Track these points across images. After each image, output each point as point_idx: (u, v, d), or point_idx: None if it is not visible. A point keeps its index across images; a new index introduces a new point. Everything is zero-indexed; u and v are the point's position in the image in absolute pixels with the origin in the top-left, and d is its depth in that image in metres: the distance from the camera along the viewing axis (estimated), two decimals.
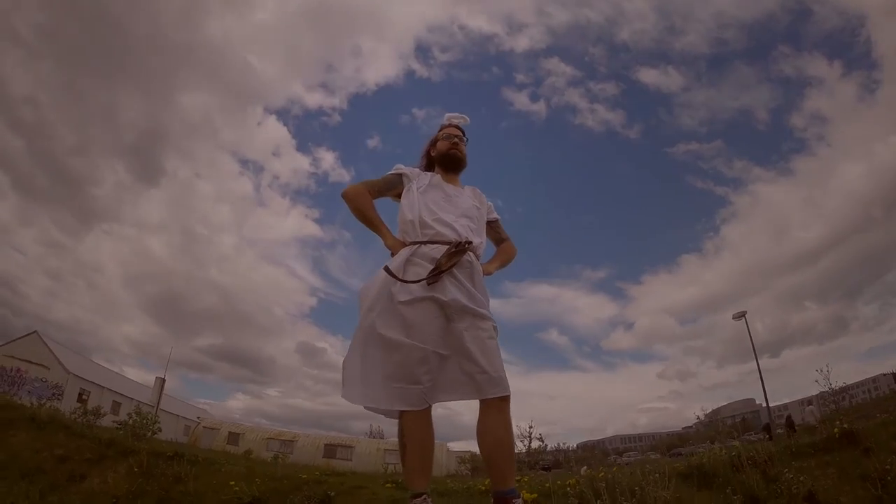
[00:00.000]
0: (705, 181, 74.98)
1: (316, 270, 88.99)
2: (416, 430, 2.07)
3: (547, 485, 4.90)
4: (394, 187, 2.51)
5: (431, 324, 2.08)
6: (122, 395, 28.87)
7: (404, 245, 2.31)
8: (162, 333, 77.62)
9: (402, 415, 2.10)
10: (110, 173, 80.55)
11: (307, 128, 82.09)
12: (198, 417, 34.79)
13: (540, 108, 79.61)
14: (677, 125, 74.77)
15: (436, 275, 2.11)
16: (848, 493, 4.82)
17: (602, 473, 4.64)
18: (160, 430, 13.09)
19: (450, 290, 2.11)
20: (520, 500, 1.96)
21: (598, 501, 3.62)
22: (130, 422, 10.37)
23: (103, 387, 29.47)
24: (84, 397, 22.73)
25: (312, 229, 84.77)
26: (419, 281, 2.10)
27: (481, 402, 2.06)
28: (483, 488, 4.45)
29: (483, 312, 2.15)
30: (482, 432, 2.02)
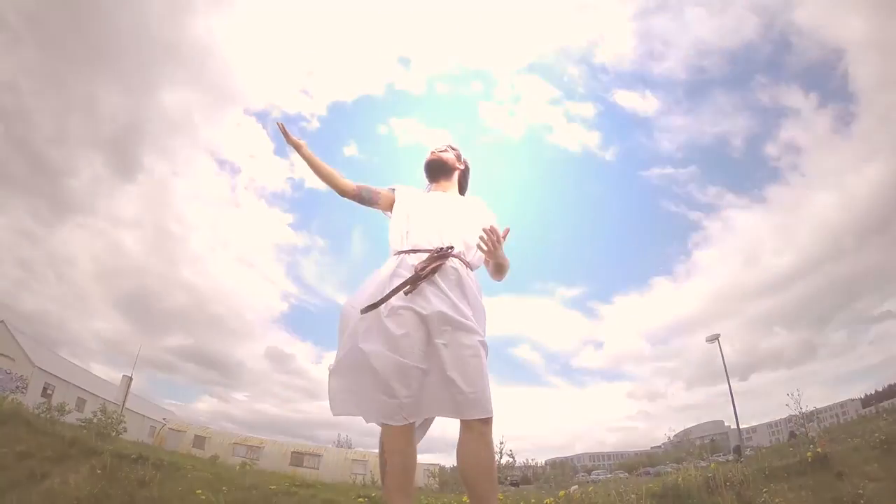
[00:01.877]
0: (678, 205, 76.37)
1: (289, 275, 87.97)
2: (395, 446, 1.97)
3: None
4: (384, 200, 2.48)
5: (411, 336, 1.96)
6: (87, 391, 28.06)
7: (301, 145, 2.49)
8: (131, 331, 75.78)
9: (384, 430, 2.00)
10: (87, 165, 79.08)
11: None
12: (164, 419, 33.98)
13: (516, 124, 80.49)
14: (653, 149, 76.28)
15: (413, 283, 2.01)
16: None
17: (579, 495, 4.65)
18: (125, 430, 12.85)
19: (431, 302, 2.00)
20: None
21: None
22: (96, 420, 10.17)
23: (69, 382, 28.64)
24: (49, 392, 22.13)
25: (287, 234, 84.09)
26: (396, 291, 2.00)
27: (462, 422, 1.95)
28: None
29: (468, 325, 2.00)
30: (462, 454, 1.93)
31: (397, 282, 2.04)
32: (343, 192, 2.49)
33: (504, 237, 2.21)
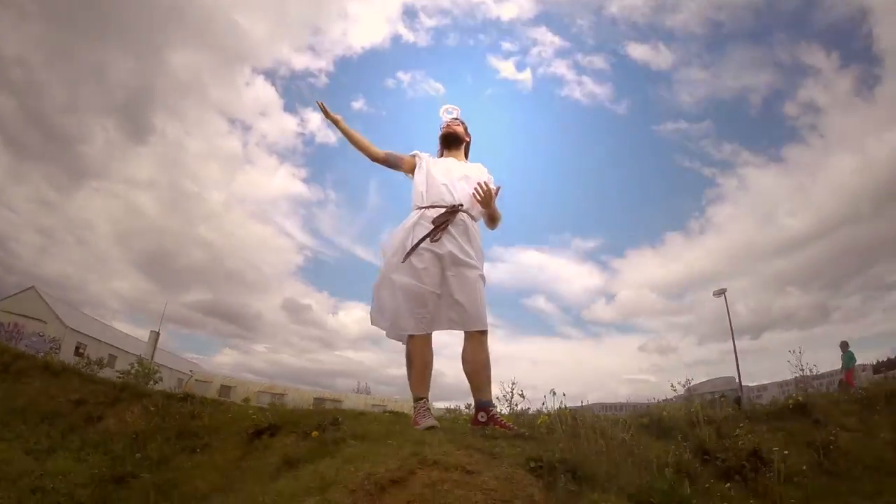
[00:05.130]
0: (692, 161, 73.89)
1: (305, 228, 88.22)
2: (419, 350, 2.64)
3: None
4: (406, 164, 3.04)
5: (430, 270, 2.63)
6: (117, 348, 29.36)
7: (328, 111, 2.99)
8: (151, 289, 77.78)
9: (409, 339, 2.65)
10: (100, 131, 78.79)
11: (294, 89, 79.69)
12: (190, 371, 35.52)
13: (526, 77, 77.58)
14: (666, 104, 73.24)
15: (436, 232, 2.65)
16: (792, 456, 5.37)
17: (570, 413, 5.17)
18: (161, 379, 13.71)
19: (445, 245, 2.66)
20: (495, 409, 2.61)
21: (563, 427, 4.17)
22: (133, 372, 10.94)
23: (100, 340, 30.05)
24: (81, 351, 23.15)
25: (300, 188, 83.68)
26: (424, 239, 2.65)
27: (465, 333, 2.67)
28: (467, 418, 4.99)
29: (471, 263, 2.70)
30: (466, 358, 2.64)
31: (420, 231, 2.70)
32: (374, 158, 3.07)
33: (496, 194, 2.84)
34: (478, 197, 2.77)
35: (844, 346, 13.40)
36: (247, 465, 3.18)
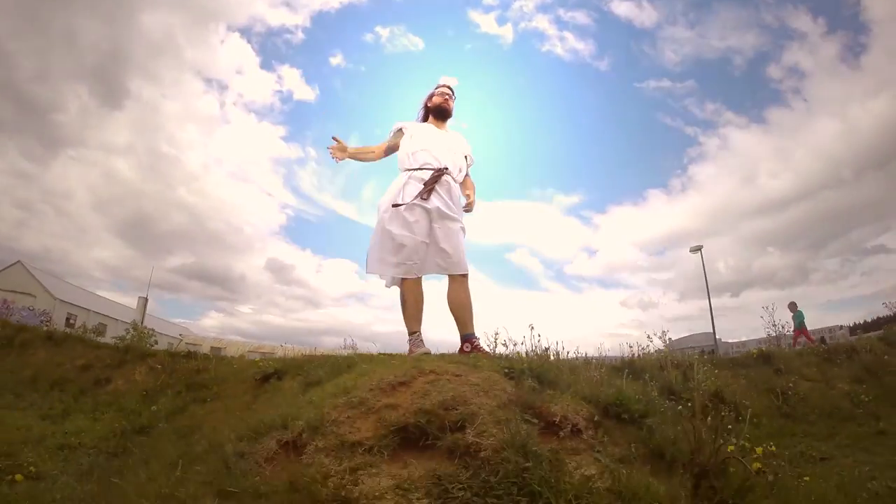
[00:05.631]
0: (675, 119, 72.89)
1: (287, 187, 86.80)
2: (412, 292, 3.12)
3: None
4: (398, 141, 3.43)
5: (420, 223, 3.08)
6: (107, 316, 29.57)
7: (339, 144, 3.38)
8: (133, 256, 77.28)
9: (402, 282, 3.12)
10: (74, 98, 75.59)
11: (270, 45, 76.29)
12: (179, 335, 35.83)
13: (507, 32, 74.76)
14: (649, 61, 71.32)
15: (427, 190, 3.09)
16: (752, 399, 5.64)
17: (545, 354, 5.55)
18: (156, 342, 13.93)
19: (433, 201, 3.10)
20: (477, 339, 3.01)
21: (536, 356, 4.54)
22: (129, 337, 11.11)
23: (89, 310, 30.25)
24: (71, 322, 23.26)
25: (280, 147, 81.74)
26: (416, 197, 3.10)
27: (449, 276, 3.14)
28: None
29: (454, 217, 3.20)
30: (451, 298, 3.10)
31: (410, 189, 3.14)
32: (380, 158, 3.55)
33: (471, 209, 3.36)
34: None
35: (793, 306, 13.62)
36: (261, 404, 3.47)
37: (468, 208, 3.31)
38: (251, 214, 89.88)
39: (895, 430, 4.91)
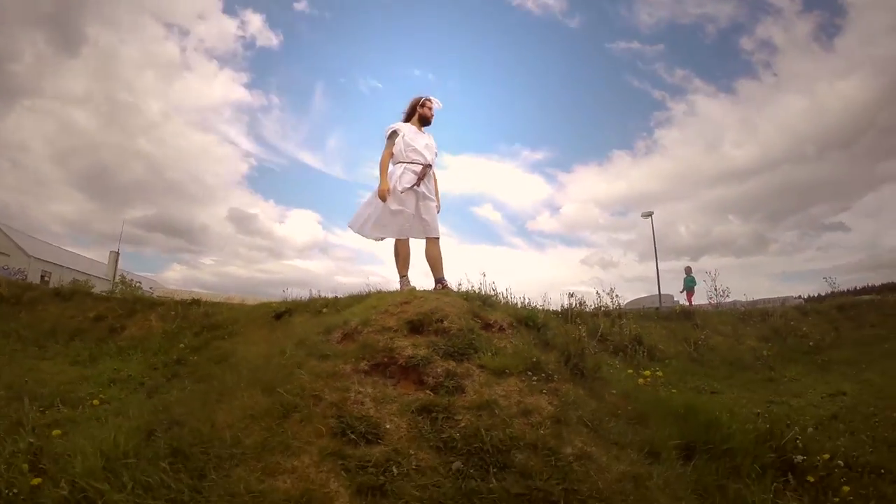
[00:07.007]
0: (642, 82, 71.64)
1: (250, 135, 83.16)
2: (404, 247, 4.48)
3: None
4: (394, 140, 4.49)
5: (411, 200, 4.37)
6: (80, 272, 29.40)
7: (389, 190, 4.34)
8: (93, 209, 74.38)
9: (397, 241, 4.47)
10: (29, 46, 69.09)
11: None
12: (150, 288, 35.84)
13: None
14: (622, 22, 68.84)
15: (420, 179, 4.34)
16: (669, 345, 6.80)
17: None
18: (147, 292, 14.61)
19: (420, 187, 4.37)
20: (447, 281, 4.30)
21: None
22: (118, 291, 11.81)
23: (63, 266, 30.03)
24: (46, 279, 23.26)
25: (242, 94, 77.48)
26: (412, 185, 4.35)
27: (427, 239, 4.46)
28: None
29: (433, 198, 4.53)
30: (428, 253, 4.43)
31: (407, 177, 4.40)
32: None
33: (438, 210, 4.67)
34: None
35: (688, 270, 14.88)
36: (280, 334, 4.52)
37: (437, 209, 4.57)
38: (213, 164, 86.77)
39: (782, 378, 5.84)
